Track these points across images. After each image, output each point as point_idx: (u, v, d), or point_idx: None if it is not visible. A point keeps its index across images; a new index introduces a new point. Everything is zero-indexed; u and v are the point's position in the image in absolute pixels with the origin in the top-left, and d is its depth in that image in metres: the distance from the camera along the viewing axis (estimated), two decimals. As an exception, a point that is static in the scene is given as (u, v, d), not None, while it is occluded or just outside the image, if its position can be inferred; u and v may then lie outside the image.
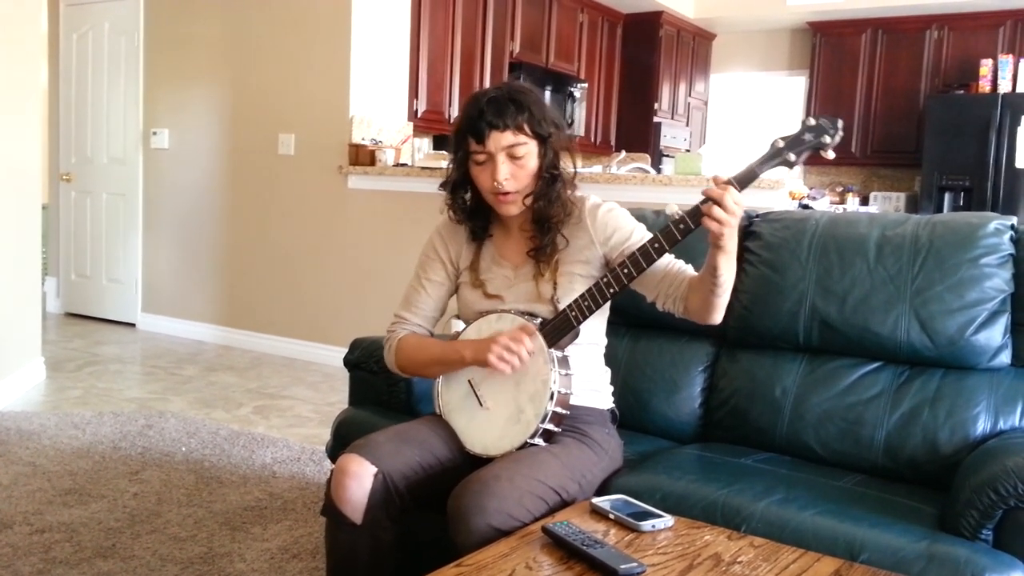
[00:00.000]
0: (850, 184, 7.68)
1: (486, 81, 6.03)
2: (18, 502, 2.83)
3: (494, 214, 1.97)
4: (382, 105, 5.25)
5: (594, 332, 1.96)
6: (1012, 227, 2.02)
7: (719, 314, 1.81)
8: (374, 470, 1.74)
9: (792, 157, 1.66)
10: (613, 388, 2.05)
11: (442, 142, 5.71)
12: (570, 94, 6.83)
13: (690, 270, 1.86)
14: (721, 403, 2.22)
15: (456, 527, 1.60)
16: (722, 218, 1.62)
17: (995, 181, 6.41)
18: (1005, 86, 6.48)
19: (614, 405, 2.02)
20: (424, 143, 5.83)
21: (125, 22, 5.92)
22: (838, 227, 2.15)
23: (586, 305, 1.78)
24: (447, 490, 1.69)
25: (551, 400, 1.77)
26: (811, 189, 6.66)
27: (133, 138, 5.95)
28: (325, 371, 4.88)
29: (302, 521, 2.74)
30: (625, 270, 1.75)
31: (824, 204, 6.27)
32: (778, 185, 3.81)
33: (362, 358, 2.35)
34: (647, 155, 6.88)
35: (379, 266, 4.91)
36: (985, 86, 6.57)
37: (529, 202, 1.87)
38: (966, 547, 1.57)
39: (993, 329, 1.96)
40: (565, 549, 1.44)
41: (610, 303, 1.88)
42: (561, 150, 1.89)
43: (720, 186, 1.63)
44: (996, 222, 2.01)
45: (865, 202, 7.37)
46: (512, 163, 1.83)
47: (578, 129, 6.99)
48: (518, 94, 1.86)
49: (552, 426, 1.80)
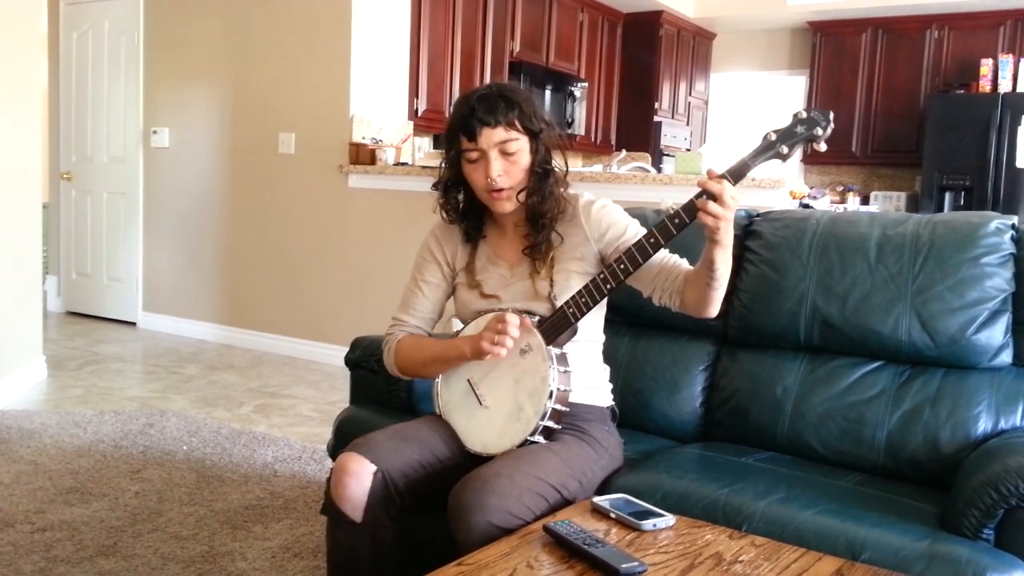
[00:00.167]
0: (851, 183, 7.68)
1: (487, 80, 6.03)
2: (20, 500, 2.83)
3: (488, 214, 1.97)
4: (382, 104, 5.25)
5: (592, 329, 1.96)
6: (1013, 226, 2.02)
7: (715, 307, 1.81)
8: (373, 468, 1.73)
9: (784, 150, 1.66)
10: (612, 386, 2.05)
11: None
12: (570, 93, 6.83)
13: (685, 264, 1.86)
14: (722, 402, 2.22)
15: (456, 525, 1.60)
16: (717, 212, 1.62)
17: (996, 181, 6.41)
18: (1005, 86, 6.48)
19: (614, 403, 2.02)
20: (424, 142, 5.83)
21: (125, 21, 5.92)
22: (839, 226, 2.15)
23: (583, 302, 1.78)
24: (447, 489, 1.69)
25: (550, 397, 1.77)
26: (812, 188, 6.66)
27: (133, 137, 5.95)
28: (326, 370, 4.88)
29: (303, 520, 2.75)
30: (621, 266, 1.75)
31: (825, 203, 6.27)
32: (779, 184, 3.81)
33: (363, 357, 2.35)
34: (647, 154, 6.88)
35: (380, 265, 4.91)
36: (985, 86, 6.57)
37: (523, 198, 1.87)
38: (967, 546, 1.57)
39: (994, 328, 1.96)
40: (566, 548, 1.44)
41: (607, 299, 1.89)
42: (553, 147, 1.89)
43: (714, 180, 1.63)
44: (997, 221, 2.01)
45: (866, 201, 7.36)
46: (505, 159, 1.84)
47: (578, 128, 7.00)
48: (508, 91, 1.87)
49: (552, 423, 1.81)
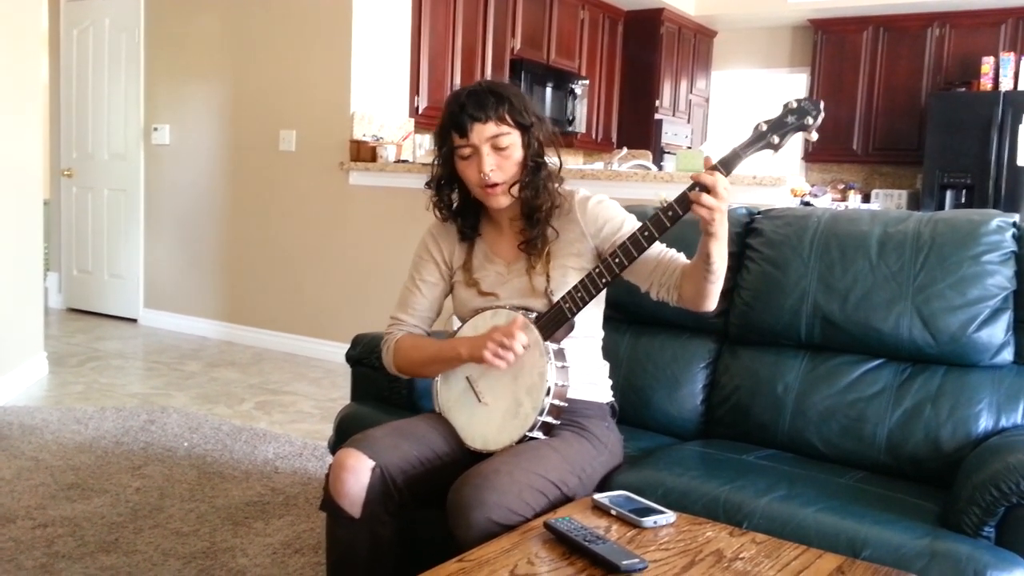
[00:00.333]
0: (852, 181, 7.67)
1: (488, 78, 6.02)
2: (21, 496, 2.83)
3: (483, 212, 1.97)
4: (383, 101, 5.25)
5: (590, 325, 1.96)
6: (1014, 224, 2.02)
7: (713, 301, 1.81)
8: (371, 464, 1.74)
9: (776, 140, 1.66)
10: (612, 382, 2.05)
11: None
12: (571, 91, 6.82)
13: (682, 258, 1.86)
14: (723, 400, 2.23)
15: (456, 521, 1.60)
16: (711, 204, 1.62)
17: (997, 179, 6.40)
18: (1007, 84, 6.47)
19: (613, 399, 2.02)
20: (425, 139, 5.82)
21: (126, 18, 5.91)
22: (840, 224, 2.15)
23: (579, 296, 1.78)
24: (446, 485, 1.69)
25: (548, 393, 1.77)
26: (813, 186, 6.67)
27: (134, 134, 5.95)
28: (327, 367, 4.88)
29: (304, 516, 2.75)
30: (616, 259, 1.75)
31: (826, 201, 6.27)
32: (780, 182, 3.81)
33: (364, 354, 2.36)
34: (648, 152, 6.88)
35: (380, 262, 4.91)
36: (987, 84, 6.56)
37: (516, 192, 1.87)
38: (968, 544, 1.58)
39: (995, 326, 1.96)
40: (567, 545, 1.44)
41: (605, 295, 1.89)
42: (545, 142, 1.89)
43: (707, 172, 1.63)
44: (998, 219, 2.01)
45: (867, 199, 7.36)
46: (497, 154, 1.84)
47: (579, 126, 6.99)
48: (497, 86, 1.87)
49: (551, 419, 1.81)
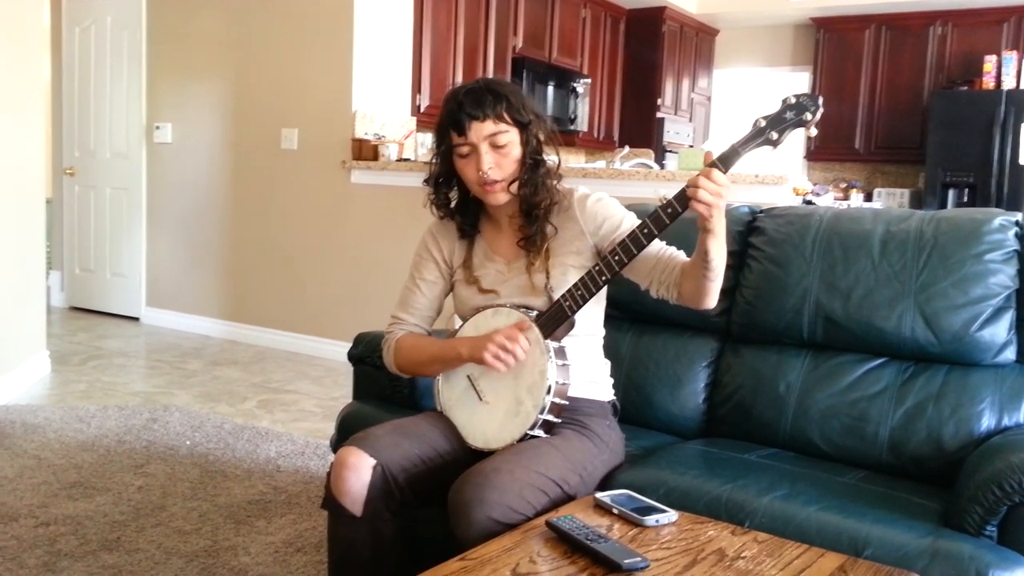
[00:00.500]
0: (854, 180, 7.67)
1: (489, 76, 6.02)
2: (23, 495, 2.84)
3: (482, 210, 1.97)
4: (385, 100, 5.25)
5: (591, 323, 1.96)
6: (1017, 223, 2.02)
7: (713, 299, 1.81)
8: (373, 462, 1.74)
9: (775, 136, 1.65)
10: (613, 380, 2.05)
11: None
12: (573, 90, 6.82)
13: (682, 256, 1.86)
14: (725, 398, 2.22)
15: (457, 520, 1.60)
16: (709, 200, 1.62)
17: (999, 177, 6.40)
18: (1009, 82, 6.47)
19: (615, 398, 2.02)
20: (427, 138, 5.82)
21: (127, 16, 5.91)
22: (842, 223, 2.15)
23: (580, 294, 1.78)
24: (448, 484, 1.69)
25: (549, 391, 1.77)
26: (815, 185, 6.66)
27: (136, 132, 5.95)
28: (329, 365, 4.88)
29: (306, 515, 2.75)
30: (616, 257, 1.75)
31: (828, 200, 6.25)
32: (782, 181, 3.80)
33: (366, 352, 2.36)
34: (650, 151, 6.87)
35: (382, 261, 4.91)
36: (989, 82, 6.56)
37: (515, 189, 1.87)
38: (970, 543, 1.58)
39: (998, 325, 1.96)
40: (569, 543, 1.44)
41: (606, 293, 1.89)
42: (544, 139, 1.89)
43: (705, 168, 1.63)
44: (1001, 218, 2.01)
45: (869, 198, 7.35)
46: (495, 152, 1.84)
47: (581, 125, 6.99)
48: (495, 84, 1.87)
49: (552, 417, 1.80)
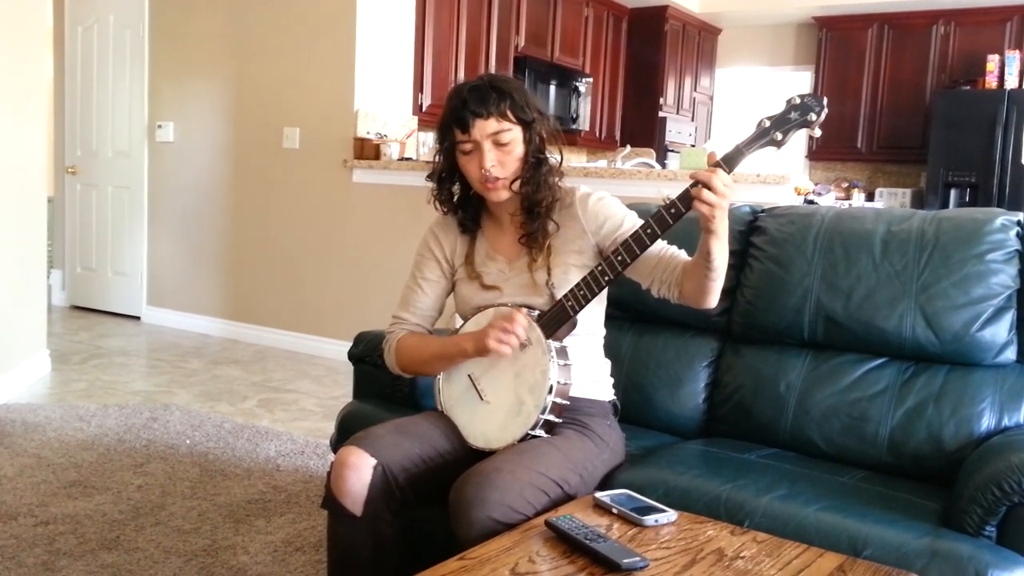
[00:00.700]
0: (855, 180, 7.66)
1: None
2: (23, 494, 2.84)
3: (484, 208, 1.97)
4: (387, 99, 5.25)
5: (592, 323, 1.96)
6: (1018, 223, 2.02)
7: (714, 298, 1.81)
8: (373, 462, 1.73)
9: (779, 136, 1.65)
10: (614, 380, 2.05)
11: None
12: (575, 89, 6.82)
13: (684, 255, 1.86)
14: (725, 398, 2.22)
15: (457, 519, 1.60)
16: (712, 200, 1.62)
17: (1001, 177, 6.39)
18: (1012, 82, 6.46)
19: (615, 397, 2.02)
20: (429, 137, 5.80)
21: (130, 15, 5.92)
22: (843, 222, 2.14)
23: (582, 294, 1.78)
24: (448, 483, 1.68)
25: (550, 391, 1.77)
26: (816, 184, 6.66)
27: (138, 131, 5.95)
28: (329, 365, 4.88)
29: (306, 514, 2.75)
30: (619, 257, 1.75)
31: (829, 200, 6.25)
32: (783, 180, 3.80)
33: (366, 352, 2.35)
34: (652, 150, 6.87)
35: (383, 260, 4.92)
36: (992, 82, 6.55)
37: (517, 187, 1.87)
38: (970, 543, 1.57)
39: (999, 325, 1.96)
40: (568, 543, 1.44)
41: (607, 293, 1.89)
42: (547, 137, 1.89)
43: (709, 169, 1.63)
44: (1002, 218, 2.01)
45: (871, 198, 7.34)
46: (498, 150, 1.84)
47: (583, 124, 6.99)
48: (499, 82, 1.87)
49: (553, 417, 1.80)
